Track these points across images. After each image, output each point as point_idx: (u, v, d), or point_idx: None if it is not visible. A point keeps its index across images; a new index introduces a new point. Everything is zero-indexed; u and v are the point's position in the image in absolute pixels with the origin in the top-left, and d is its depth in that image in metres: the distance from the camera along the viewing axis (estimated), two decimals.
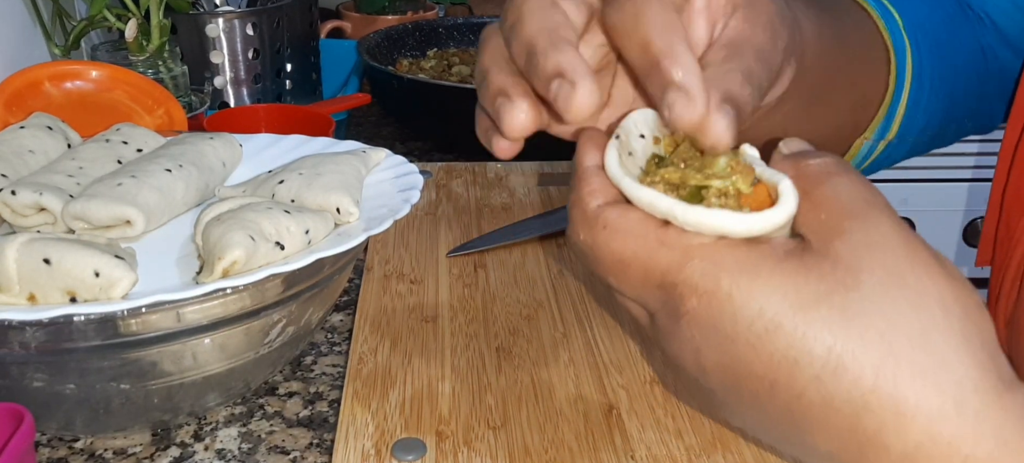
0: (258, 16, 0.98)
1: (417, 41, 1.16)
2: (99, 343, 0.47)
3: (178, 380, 0.51)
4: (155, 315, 0.47)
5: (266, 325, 0.52)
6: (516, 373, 0.59)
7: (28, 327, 0.46)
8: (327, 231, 0.55)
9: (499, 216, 0.82)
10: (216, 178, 0.63)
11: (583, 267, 0.39)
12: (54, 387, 0.49)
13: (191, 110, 0.85)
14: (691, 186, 0.37)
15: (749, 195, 0.36)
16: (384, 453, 0.51)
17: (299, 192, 0.58)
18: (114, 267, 0.47)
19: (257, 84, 1.00)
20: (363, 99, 0.98)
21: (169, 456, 0.53)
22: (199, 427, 0.55)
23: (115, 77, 0.79)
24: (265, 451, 0.53)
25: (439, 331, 0.63)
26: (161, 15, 0.86)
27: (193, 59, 0.95)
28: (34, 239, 0.48)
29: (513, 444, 0.52)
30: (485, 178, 0.90)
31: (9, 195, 0.54)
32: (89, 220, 0.54)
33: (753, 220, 0.34)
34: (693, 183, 0.36)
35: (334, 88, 1.13)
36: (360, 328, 0.64)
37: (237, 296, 0.49)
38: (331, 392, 0.59)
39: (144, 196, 0.56)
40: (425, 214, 0.82)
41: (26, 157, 0.60)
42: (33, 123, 0.63)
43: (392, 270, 0.72)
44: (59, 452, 0.53)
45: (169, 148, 0.62)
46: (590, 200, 0.37)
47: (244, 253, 0.49)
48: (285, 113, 0.91)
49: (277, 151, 0.67)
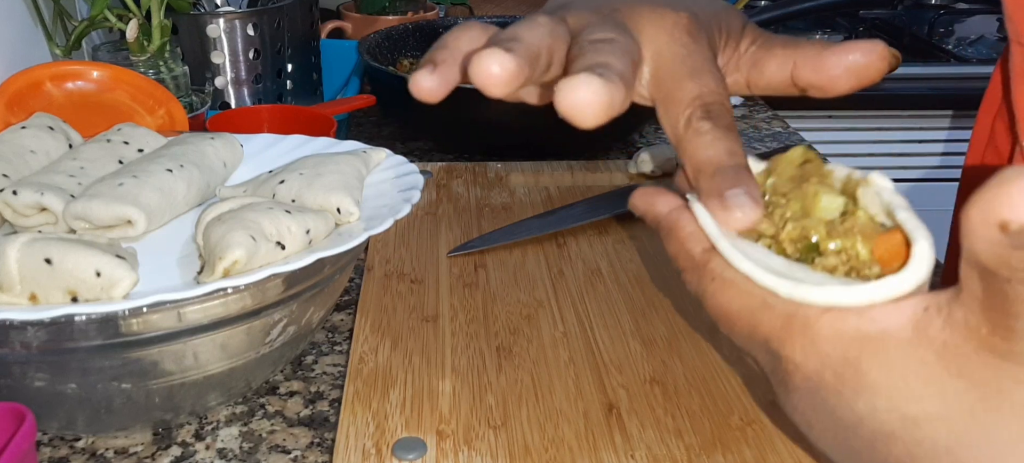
0: (259, 16, 0.98)
1: (417, 41, 1.17)
2: (100, 343, 0.47)
3: (179, 380, 0.51)
4: (156, 315, 0.47)
5: (267, 325, 0.53)
6: (516, 373, 0.59)
7: (29, 327, 0.46)
8: (328, 231, 0.56)
9: (499, 216, 0.82)
10: (217, 178, 0.63)
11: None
12: (56, 387, 0.49)
13: (192, 110, 0.85)
14: (801, 242, 0.33)
15: (879, 241, 0.32)
16: (384, 452, 0.51)
17: (300, 192, 0.58)
18: (115, 267, 0.47)
19: (258, 84, 1.00)
20: (368, 100, 0.98)
21: (170, 455, 0.53)
22: (200, 426, 0.55)
23: (116, 77, 0.79)
24: (266, 450, 0.54)
25: (439, 331, 0.63)
26: (162, 15, 0.86)
27: (194, 59, 0.95)
28: (35, 239, 0.48)
29: (513, 443, 0.52)
30: (485, 178, 0.90)
31: (11, 195, 0.55)
32: (90, 220, 0.54)
33: (867, 292, 0.30)
34: (803, 238, 0.33)
35: (335, 88, 1.13)
36: (361, 328, 0.64)
37: (238, 296, 0.49)
38: (332, 391, 0.59)
39: (145, 196, 0.56)
40: (425, 214, 0.82)
41: (27, 157, 0.60)
42: (34, 123, 0.63)
43: (393, 270, 0.72)
44: (61, 451, 0.53)
45: (170, 148, 0.62)
46: (693, 245, 0.37)
47: (245, 253, 0.49)
48: (286, 113, 0.91)
49: (278, 151, 0.67)
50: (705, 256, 0.36)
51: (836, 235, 0.33)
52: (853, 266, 0.32)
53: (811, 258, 0.33)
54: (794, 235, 0.34)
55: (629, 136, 1.06)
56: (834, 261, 0.32)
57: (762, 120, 1.17)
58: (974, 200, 0.27)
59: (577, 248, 0.76)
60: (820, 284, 0.31)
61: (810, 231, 0.33)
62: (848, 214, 0.34)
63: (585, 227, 0.79)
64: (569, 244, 0.76)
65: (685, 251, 0.37)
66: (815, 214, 0.34)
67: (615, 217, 0.80)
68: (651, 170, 0.89)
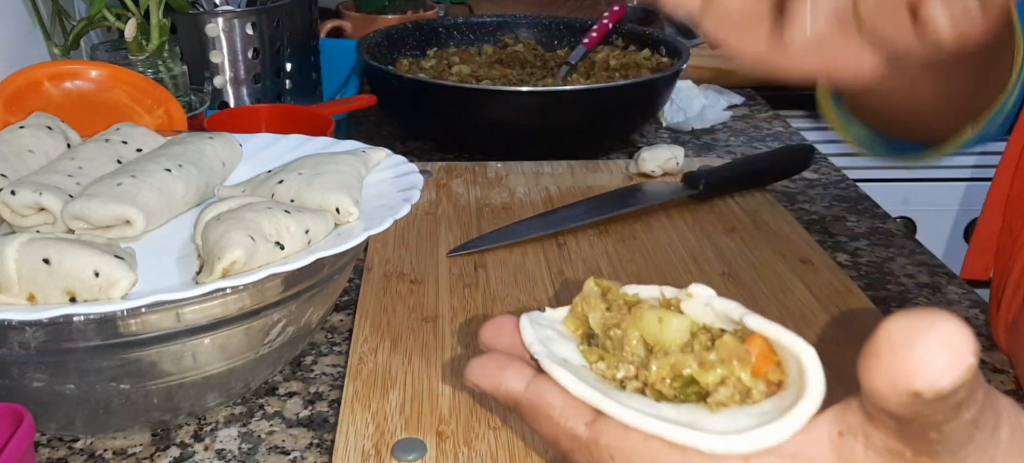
0: (258, 16, 0.98)
1: (417, 41, 1.16)
2: (99, 343, 0.47)
3: (178, 380, 0.51)
4: (155, 315, 0.47)
5: (266, 325, 0.52)
6: None
7: (28, 327, 0.45)
8: (327, 231, 0.55)
9: (499, 216, 0.81)
10: (216, 178, 0.63)
11: None
12: (54, 387, 0.49)
13: (191, 110, 0.85)
14: (677, 381, 0.32)
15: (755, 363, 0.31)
16: (384, 453, 0.51)
17: (299, 192, 0.58)
18: (114, 267, 0.47)
19: (257, 84, 1.00)
20: (369, 100, 0.98)
21: (169, 456, 0.53)
22: (199, 427, 0.55)
23: (115, 77, 0.79)
24: (265, 451, 0.53)
25: (439, 331, 0.63)
26: (161, 14, 0.86)
27: (193, 59, 0.95)
28: (34, 239, 0.48)
29: (513, 444, 0.52)
30: (485, 178, 0.90)
31: (9, 195, 0.54)
32: (89, 220, 0.54)
33: (786, 427, 0.30)
34: (676, 376, 0.32)
35: (334, 88, 1.13)
36: (360, 328, 0.64)
37: (237, 296, 0.49)
38: (331, 392, 0.59)
39: (144, 196, 0.56)
40: (425, 214, 0.82)
41: (26, 157, 0.60)
42: (33, 123, 0.63)
43: (392, 270, 0.72)
44: (59, 452, 0.53)
45: (169, 148, 0.62)
46: (572, 421, 0.33)
47: (244, 253, 0.49)
48: (285, 113, 0.91)
49: (277, 151, 0.67)
50: (594, 429, 0.32)
51: (708, 365, 0.32)
52: (739, 391, 0.32)
53: (695, 394, 0.32)
54: (663, 374, 0.33)
55: (629, 136, 1.06)
56: (724, 394, 0.31)
57: (763, 120, 1.16)
58: (877, 366, 0.27)
59: (577, 248, 0.76)
60: (733, 426, 0.31)
61: (680, 367, 0.32)
62: (694, 335, 0.33)
63: (585, 227, 0.79)
64: (569, 244, 0.76)
65: (565, 431, 0.33)
66: (664, 344, 0.33)
67: (615, 217, 0.80)
68: (651, 170, 0.89)
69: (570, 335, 0.37)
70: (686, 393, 0.32)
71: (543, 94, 0.95)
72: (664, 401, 0.32)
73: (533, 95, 0.95)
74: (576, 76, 1.08)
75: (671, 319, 0.34)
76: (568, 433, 0.33)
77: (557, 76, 1.07)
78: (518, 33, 1.20)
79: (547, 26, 1.21)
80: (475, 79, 1.05)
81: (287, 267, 0.50)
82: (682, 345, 0.33)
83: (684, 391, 0.32)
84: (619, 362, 0.34)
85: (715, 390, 0.32)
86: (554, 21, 1.22)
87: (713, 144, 1.08)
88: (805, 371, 0.30)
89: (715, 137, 1.10)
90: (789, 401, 0.31)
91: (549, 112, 0.96)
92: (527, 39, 1.20)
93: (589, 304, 0.37)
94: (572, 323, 0.37)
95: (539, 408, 0.34)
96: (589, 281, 0.37)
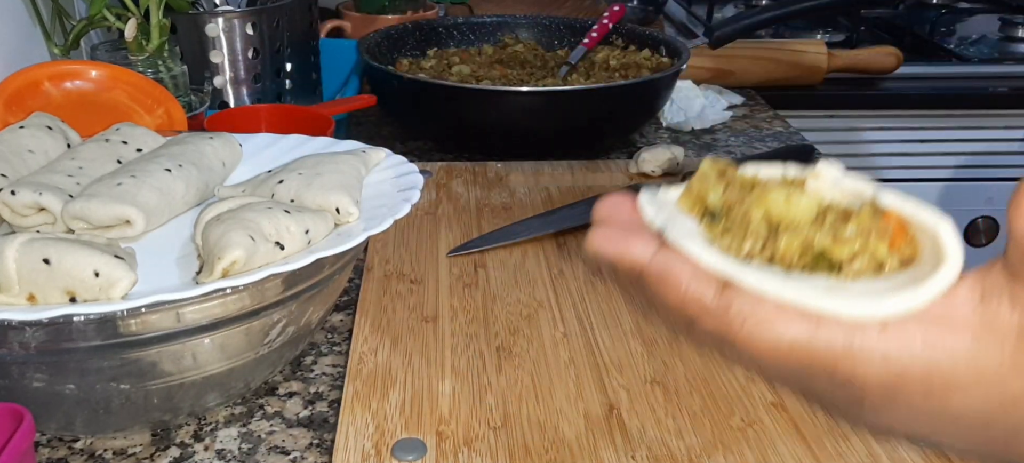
0: (258, 16, 0.98)
1: (417, 41, 1.16)
2: (99, 343, 0.47)
3: (178, 380, 0.51)
4: (155, 315, 0.47)
5: (266, 325, 0.52)
6: (516, 373, 0.59)
7: (28, 327, 0.45)
8: (327, 231, 0.55)
9: (499, 216, 0.81)
10: (216, 178, 0.63)
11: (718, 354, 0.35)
12: (54, 387, 0.49)
13: (191, 110, 0.85)
14: (806, 255, 0.32)
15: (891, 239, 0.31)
16: (384, 453, 0.51)
17: (299, 192, 0.58)
18: (114, 267, 0.47)
19: (257, 84, 1.00)
20: (369, 100, 0.98)
21: (169, 456, 0.53)
22: (199, 427, 0.55)
23: (115, 77, 0.79)
24: (265, 451, 0.53)
25: (439, 331, 0.63)
26: (161, 14, 0.86)
27: (193, 59, 0.95)
28: (34, 239, 0.48)
29: (513, 444, 0.52)
30: (485, 178, 0.90)
31: (9, 195, 0.54)
32: (89, 220, 0.54)
33: (925, 293, 0.30)
34: (806, 250, 0.32)
35: (334, 88, 1.13)
36: (360, 328, 0.64)
37: (237, 296, 0.49)
38: (331, 392, 0.59)
39: (144, 196, 0.56)
40: (425, 214, 0.82)
41: (26, 157, 0.60)
42: (33, 123, 0.63)
43: (392, 270, 0.72)
44: (59, 452, 0.53)
45: (169, 148, 0.62)
46: (700, 288, 0.32)
47: (244, 253, 0.49)
48: (285, 113, 0.91)
49: (277, 151, 0.67)
50: (724, 297, 0.32)
51: (843, 240, 0.32)
52: (873, 264, 0.32)
53: (826, 268, 0.32)
54: (792, 248, 0.32)
55: (629, 136, 1.06)
56: (859, 265, 0.32)
57: (763, 120, 1.16)
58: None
59: (577, 248, 0.76)
60: (871, 294, 0.31)
61: (812, 241, 0.32)
62: (821, 212, 0.33)
63: (585, 227, 0.79)
64: (569, 244, 0.76)
65: (692, 298, 0.33)
66: (792, 221, 0.33)
67: None
68: (651, 170, 0.89)
69: (686, 214, 0.36)
70: (816, 267, 0.32)
71: (543, 94, 0.95)
72: (798, 273, 0.32)
73: (533, 95, 0.95)
74: (576, 76, 1.08)
75: (800, 197, 0.33)
76: (697, 301, 0.33)
77: (557, 76, 1.07)
78: (518, 33, 1.20)
79: (547, 26, 1.21)
80: (475, 79, 1.05)
81: (287, 267, 0.50)
82: (810, 221, 0.33)
83: (814, 265, 0.32)
84: (745, 237, 0.34)
85: (849, 263, 0.32)
86: (554, 21, 1.22)
87: (713, 144, 1.07)
88: (943, 243, 0.31)
89: (715, 137, 1.10)
90: (925, 272, 0.31)
91: (549, 112, 0.96)
92: (527, 39, 1.20)
93: (708, 182, 0.36)
94: (687, 202, 0.37)
95: (666, 277, 0.33)
96: (706, 160, 0.37)
